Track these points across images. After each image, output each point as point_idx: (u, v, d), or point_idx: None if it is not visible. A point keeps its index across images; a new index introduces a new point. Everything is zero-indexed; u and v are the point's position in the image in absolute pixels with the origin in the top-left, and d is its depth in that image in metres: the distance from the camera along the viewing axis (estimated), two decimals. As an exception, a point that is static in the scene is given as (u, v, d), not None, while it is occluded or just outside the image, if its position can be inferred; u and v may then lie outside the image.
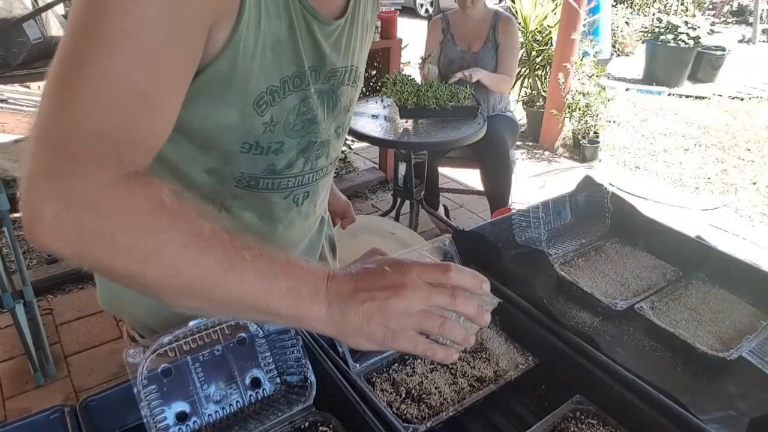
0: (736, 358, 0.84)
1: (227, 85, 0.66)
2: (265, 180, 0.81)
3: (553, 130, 4.55)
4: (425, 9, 11.14)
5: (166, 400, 0.68)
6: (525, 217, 1.15)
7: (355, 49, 0.82)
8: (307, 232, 0.97)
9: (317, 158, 0.85)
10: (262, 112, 0.72)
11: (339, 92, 0.82)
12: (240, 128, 0.72)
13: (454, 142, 2.55)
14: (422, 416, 0.74)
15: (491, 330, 0.90)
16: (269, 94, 0.71)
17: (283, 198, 0.85)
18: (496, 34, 2.90)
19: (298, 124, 0.78)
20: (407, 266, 0.58)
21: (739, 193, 3.95)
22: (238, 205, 0.83)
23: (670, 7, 8.18)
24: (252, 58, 0.66)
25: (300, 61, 0.72)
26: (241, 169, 0.78)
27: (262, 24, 0.64)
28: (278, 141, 0.77)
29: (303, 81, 0.74)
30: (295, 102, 0.75)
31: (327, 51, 0.75)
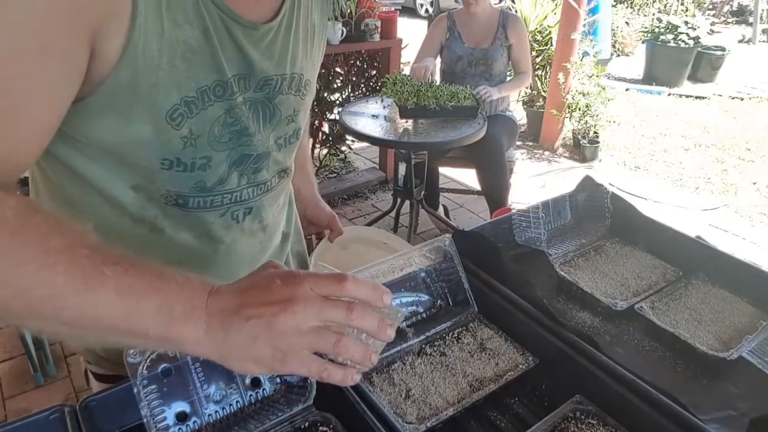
0: (736, 358, 0.84)
1: (132, 97, 0.61)
2: (195, 198, 0.75)
3: (553, 130, 4.56)
4: (425, 9, 11.14)
5: (166, 400, 0.67)
6: (525, 217, 1.15)
7: (296, 56, 0.76)
8: (260, 251, 0.90)
9: (255, 172, 0.79)
10: (178, 126, 0.66)
11: (276, 101, 0.76)
12: (155, 143, 0.67)
13: (454, 142, 2.56)
14: (422, 416, 0.74)
15: (491, 330, 0.90)
16: (184, 105, 0.65)
17: (219, 216, 0.79)
18: (506, 34, 2.94)
19: (225, 136, 0.72)
20: (299, 278, 0.52)
21: (739, 193, 3.95)
22: (171, 224, 0.77)
23: (670, 7, 8.18)
24: (158, 68, 0.61)
25: (221, 69, 0.66)
26: (165, 186, 0.72)
27: (165, 31, 0.60)
28: (203, 156, 0.71)
29: (226, 90, 0.68)
30: (218, 113, 0.69)
31: (255, 57, 0.70)
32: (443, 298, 0.96)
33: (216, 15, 0.63)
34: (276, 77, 0.74)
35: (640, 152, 4.68)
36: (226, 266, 0.84)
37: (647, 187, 4.05)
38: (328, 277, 0.52)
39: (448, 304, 0.96)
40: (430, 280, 0.96)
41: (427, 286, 0.96)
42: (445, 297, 0.96)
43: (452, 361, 0.84)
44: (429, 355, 0.86)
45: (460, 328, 0.91)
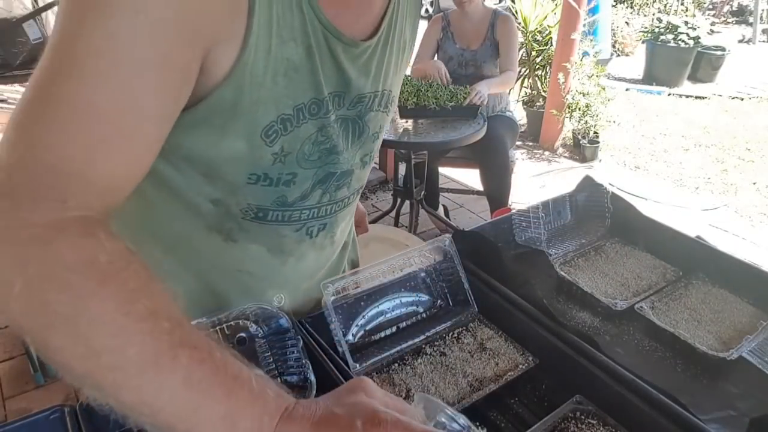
0: (736, 358, 0.84)
1: (232, 114, 0.60)
2: (274, 212, 0.75)
3: (553, 130, 4.56)
4: (425, 9, 11.14)
5: (166, 400, 0.67)
6: (525, 217, 1.15)
7: (388, 72, 0.75)
8: (323, 265, 0.90)
9: (337, 189, 0.78)
10: (272, 143, 0.65)
11: (366, 119, 0.75)
12: (247, 159, 0.66)
13: (454, 142, 2.56)
14: (422, 416, 0.74)
15: (491, 330, 0.90)
16: (280, 123, 0.64)
17: (294, 230, 0.79)
18: (494, 33, 2.92)
19: (315, 154, 0.71)
20: (383, 425, 0.44)
21: (739, 193, 3.95)
22: (245, 236, 0.77)
23: (670, 7, 8.19)
24: (260, 86, 0.60)
25: (318, 87, 0.65)
26: (247, 200, 0.72)
27: (272, 48, 0.58)
28: (290, 172, 0.70)
29: (321, 108, 0.67)
30: (311, 131, 0.68)
31: (353, 75, 0.68)
32: (443, 298, 0.96)
33: (320, 32, 0.62)
34: (369, 94, 0.73)
35: (640, 152, 4.68)
36: (291, 278, 0.85)
37: (647, 187, 4.05)
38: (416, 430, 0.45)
39: (448, 304, 0.96)
40: (430, 280, 0.96)
41: (427, 286, 0.96)
42: (445, 297, 0.96)
43: (452, 361, 0.84)
44: (429, 355, 0.86)
45: (460, 328, 0.91)
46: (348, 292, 0.86)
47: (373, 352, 0.85)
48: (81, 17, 0.46)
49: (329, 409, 0.47)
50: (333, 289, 0.82)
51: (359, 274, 0.87)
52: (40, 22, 2.30)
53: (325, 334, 0.80)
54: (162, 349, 0.42)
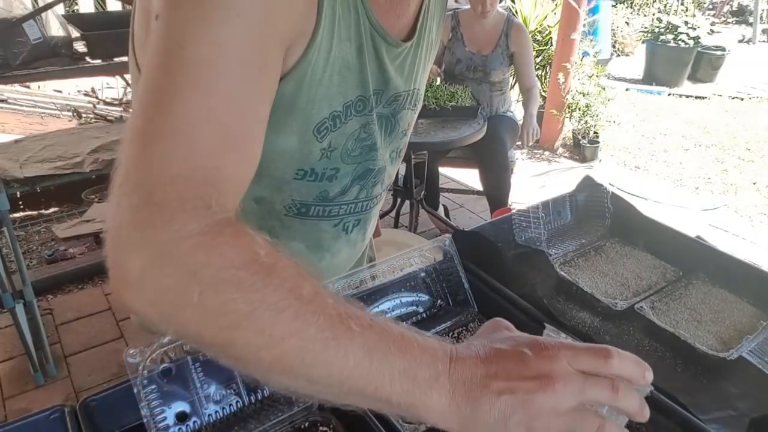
0: (736, 358, 0.84)
1: (290, 109, 0.62)
2: (316, 207, 0.77)
3: (553, 130, 4.56)
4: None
5: (166, 400, 0.67)
6: (525, 217, 1.15)
7: (419, 72, 0.77)
8: (353, 260, 0.92)
9: (373, 186, 0.81)
10: (322, 138, 0.67)
11: (399, 116, 0.77)
12: (297, 154, 0.68)
13: (454, 142, 2.56)
14: (422, 416, 0.74)
15: (491, 330, 0.90)
16: (331, 119, 0.66)
17: (332, 226, 0.81)
18: (508, 42, 2.90)
19: (356, 149, 0.73)
20: (554, 350, 0.46)
21: (739, 193, 3.95)
22: (286, 233, 0.78)
23: (670, 7, 8.19)
24: (319, 83, 0.62)
25: (365, 84, 0.68)
26: (292, 196, 0.74)
27: (333, 47, 0.60)
28: (334, 167, 0.72)
29: (366, 105, 0.70)
30: (355, 127, 0.71)
31: (392, 74, 0.71)
32: (443, 298, 0.96)
33: (369, 32, 0.64)
34: (404, 93, 0.75)
35: (640, 152, 4.68)
36: (323, 274, 0.85)
37: (647, 187, 4.05)
38: (589, 351, 0.46)
39: (448, 304, 0.96)
40: (430, 280, 0.96)
41: (427, 286, 0.96)
42: (445, 297, 0.96)
43: (452, 361, 0.84)
44: (429, 355, 0.85)
45: (460, 328, 0.91)
46: (348, 292, 0.86)
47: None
48: (184, 27, 0.47)
49: (489, 345, 0.48)
50: (333, 289, 0.82)
51: (359, 274, 0.87)
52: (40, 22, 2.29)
53: (325, 334, 0.80)
54: (335, 323, 0.44)
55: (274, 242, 0.75)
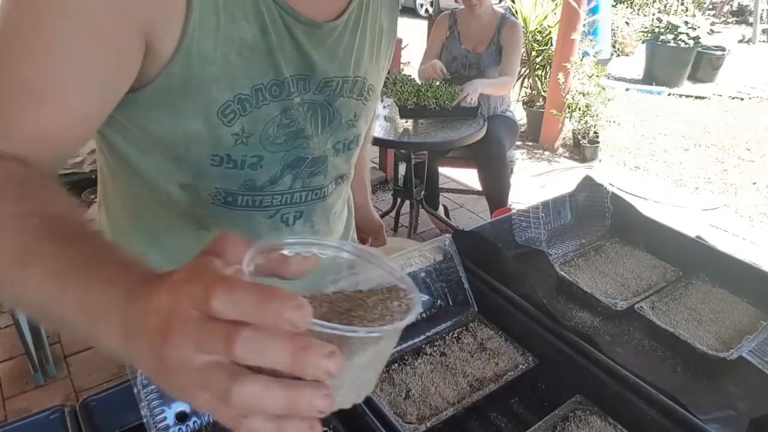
0: (736, 358, 0.84)
1: (185, 91, 0.61)
2: (243, 197, 0.74)
3: (553, 130, 4.56)
4: (425, 9, 11.14)
5: (166, 400, 0.67)
6: (525, 217, 1.15)
7: (360, 59, 0.74)
8: None
9: (311, 176, 0.78)
10: (230, 122, 0.66)
11: (337, 105, 0.74)
12: (206, 139, 0.66)
13: (454, 142, 2.56)
14: (422, 416, 0.74)
15: (491, 330, 0.90)
16: (237, 102, 0.65)
17: (267, 217, 0.78)
18: (499, 38, 2.90)
19: (281, 137, 0.71)
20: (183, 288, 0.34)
21: (739, 193, 3.95)
22: (218, 223, 0.77)
23: (670, 7, 8.18)
24: (211, 63, 0.60)
25: (277, 67, 0.65)
26: (215, 183, 0.72)
27: (221, 26, 0.59)
28: (255, 155, 0.70)
29: (283, 90, 0.67)
30: (274, 113, 0.68)
31: (316, 58, 0.68)
32: (443, 298, 0.96)
33: (275, 11, 0.62)
34: (337, 79, 0.72)
35: (640, 152, 4.68)
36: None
37: (647, 187, 4.05)
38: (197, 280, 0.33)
39: (448, 304, 0.96)
40: (430, 280, 0.96)
41: (427, 286, 0.96)
42: (445, 297, 0.96)
43: (452, 361, 0.84)
44: (429, 355, 0.86)
45: (460, 328, 0.91)
46: (348, 292, 0.86)
47: (373, 352, 0.85)
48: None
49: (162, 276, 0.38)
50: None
51: (359, 274, 0.87)
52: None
53: (325, 334, 0.80)
54: (26, 243, 0.44)
55: (208, 232, 0.76)
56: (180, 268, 0.37)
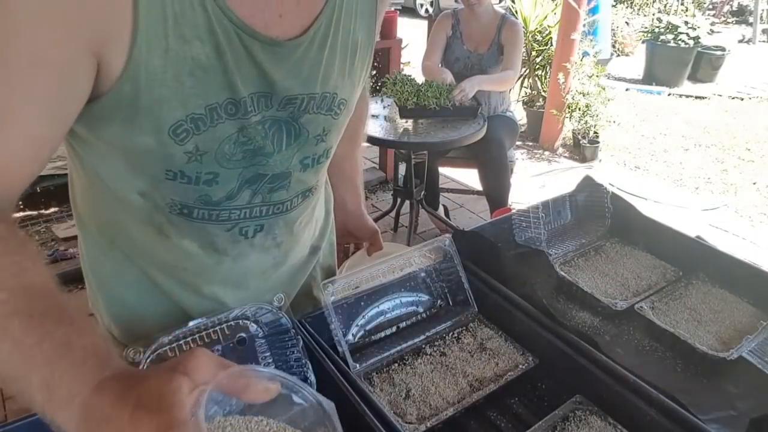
0: (736, 358, 0.84)
1: (134, 110, 0.61)
2: (199, 210, 0.74)
3: (553, 130, 4.56)
4: (425, 9, 11.14)
5: (166, 400, 0.67)
6: (525, 217, 1.15)
7: (329, 74, 0.72)
8: (273, 265, 0.87)
9: (271, 192, 0.76)
10: (182, 141, 0.64)
11: (302, 121, 0.72)
12: (158, 155, 0.66)
13: (454, 142, 2.56)
14: (422, 416, 0.74)
15: (491, 330, 0.90)
16: (190, 122, 0.63)
17: (225, 230, 0.77)
18: (500, 37, 2.90)
19: (238, 154, 0.69)
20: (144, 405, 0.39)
21: (739, 193, 3.95)
22: (176, 231, 0.77)
23: (670, 7, 8.18)
24: (161, 83, 0.59)
25: (233, 86, 0.64)
26: (170, 196, 0.72)
27: (171, 48, 0.58)
28: (210, 171, 0.69)
29: (239, 109, 0.66)
30: (230, 131, 0.67)
31: (277, 76, 0.66)
32: (443, 298, 0.96)
33: (232, 31, 0.60)
34: (302, 96, 0.70)
35: (640, 152, 4.68)
36: (232, 277, 0.84)
37: (647, 187, 4.05)
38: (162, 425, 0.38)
39: (448, 304, 0.96)
40: (430, 280, 0.96)
41: (427, 286, 0.96)
42: (445, 297, 0.96)
43: (452, 361, 0.84)
44: (429, 355, 0.86)
45: (460, 328, 0.91)
46: (348, 292, 0.86)
47: (373, 352, 0.85)
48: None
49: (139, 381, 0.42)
50: (333, 289, 0.82)
51: (359, 274, 0.87)
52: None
53: (325, 334, 0.80)
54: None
55: (167, 239, 0.77)
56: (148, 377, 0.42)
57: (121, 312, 0.87)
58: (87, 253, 0.87)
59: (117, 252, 0.82)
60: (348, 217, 1.15)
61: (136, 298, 0.85)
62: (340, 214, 1.13)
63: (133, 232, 0.78)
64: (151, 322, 0.85)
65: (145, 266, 0.83)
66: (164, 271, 0.83)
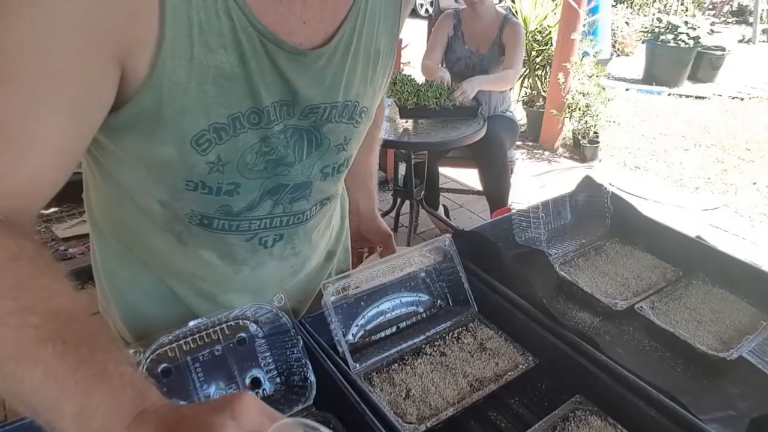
0: (736, 358, 0.84)
1: (156, 120, 0.60)
2: (219, 221, 0.73)
3: (553, 130, 4.56)
4: (425, 9, 11.14)
5: (166, 400, 0.67)
6: (525, 217, 1.15)
7: (351, 83, 0.71)
8: (290, 274, 0.87)
9: (292, 201, 0.76)
10: (204, 151, 0.64)
11: (324, 130, 0.72)
12: (179, 166, 0.65)
13: (454, 142, 2.56)
14: (422, 416, 0.74)
15: (491, 330, 0.90)
16: (213, 132, 0.63)
17: (245, 240, 0.77)
18: (501, 38, 2.90)
19: (260, 164, 0.69)
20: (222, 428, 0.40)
21: (739, 193, 3.95)
22: (195, 241, 0.76)
23: (670, 7, 8.18)
24: (184, 93, 0.59)
25: (256, 95, 0.63)
26: (190, 206, 0.71)
27: (195, 56, 0.57)
28: (231, 182, 0.68)
29: (262, 118, 0.65)
30: (252, 141, 0.66)
31: (300, 85, 0.65)
32: (443, 298, 0.96)
33: (256, 39, 0.60)
34: (324, 105, 0.69)
35: (640, 152, 4.68)
36: (249, 286, 0.84)
37: (647, 187, 4.05)
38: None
39: (448, 304, 0.96)
40: (430, 280, 0.96)
41: (427, 286, 0.96)
42: (445, 297, 0.96)
43: (452, 361, 0.84)
44: (429, 355, 0.86)
45: (460, 328, 0.91)
46: (348, 292, 0.86)
47: (373, 352, 0.85)
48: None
49: (181, 420, 0.42)
50: (333, 289, 0.82)
51: (359, 274, 0.87)
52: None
53: (325, 334, 0.80)
54: (25, 343, 0.43)
55: (186, 248, 0.76)
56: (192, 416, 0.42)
57: (136, 318, 0.86)
58: (101, 257, 0.86)
59: (134, 259, 0.81)
60: (362, 221, 1.14)
61: (152, 306, 0.84)
62: (353, 218, 1.12)
63: (152, 239, 0.77)
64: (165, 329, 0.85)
65: (162, 274, 0.82)
66: (181, 279, 0.82)
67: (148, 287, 0.83)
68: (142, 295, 0.84)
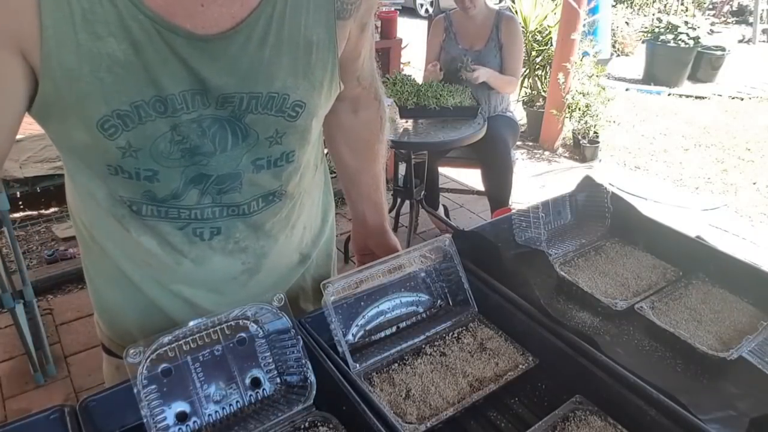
0: (736, 358, 0.84)
1: (61, 106, 0.62)
2: (147, 206, 0.74)
3: (553, 130, 4.56)
4: (425, 9, 11.14)
5: (166, 400, 0.68)
6: (525, 217, 1.15)
7: (275, 74, 0.68)
8: (243, 271, 0.85)
9: (221, 193, 0.75)
10: (112, 136, 0.64)
11: (247, 121, 0.70)
12: (95, 150, 0.66)
13: (454, 142, 2.56)
14: (422, 416, 0.74)
15: (491, 330, 0.90)
16: (117, 118, 0.63)
17: (177, 229, 0.77)
18: (499, 34, 2.91)
19: (175, 153, 0.68)
20: None
21: (739, 193, 3.95)
22: (135, 226, 0.77)
23: (670, 7, 8.19)
24: (77, 79, 0.59)
25: (159, 84, 0.62)
26: (118, 191, 0.73)
27: (81, 43, 0.58)
28: (148, 168, 0.69)
29: (168, 107, 0.64)
30: (163, 129, 0.66)
31: (206, 73, 0.64)
32: (443, 298, 0.96)
33: (150, 27, 0.59)
34: (240, 95, 0.68)
35: (640, 152, 4.68)
36: (198, 279, 0.83)
37: (647, 187, 4.05)
38: None
39: (448, 304, 0.96)
40: (430, 280, 0.96)
41: (427, 286, 0.96)
42: (445, 297, 0.96)
43: (452, 361, 0.84)
44: (429, 355, 0.86)
45: (460, 328, 0.91)
46: (348, 292, 0.86)
47: (373, 352, 0.85)
48: None
49: None
50: (333, 289, 0.82)
51: (359, 274, 0.87)
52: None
53: (325, 334, 0.80)
54: None
55: (129, 234, 0.78)
56: None
57: (105, 307, 0.90)
58: (82, 252, 0.89)
59: (95, 245, 0.84)
60: (369, 234, 1.11)
61: (114, 293, 0.87)
62: (359, 231, 1.11)
63: (103, 225, 0.80)
64: (132, 318, 0.87)
65: (118, 260, 0.83)
66: (134, 264, 0.83)
67: (110, 274, 0.85)
68: (107, 283, 0.87)
